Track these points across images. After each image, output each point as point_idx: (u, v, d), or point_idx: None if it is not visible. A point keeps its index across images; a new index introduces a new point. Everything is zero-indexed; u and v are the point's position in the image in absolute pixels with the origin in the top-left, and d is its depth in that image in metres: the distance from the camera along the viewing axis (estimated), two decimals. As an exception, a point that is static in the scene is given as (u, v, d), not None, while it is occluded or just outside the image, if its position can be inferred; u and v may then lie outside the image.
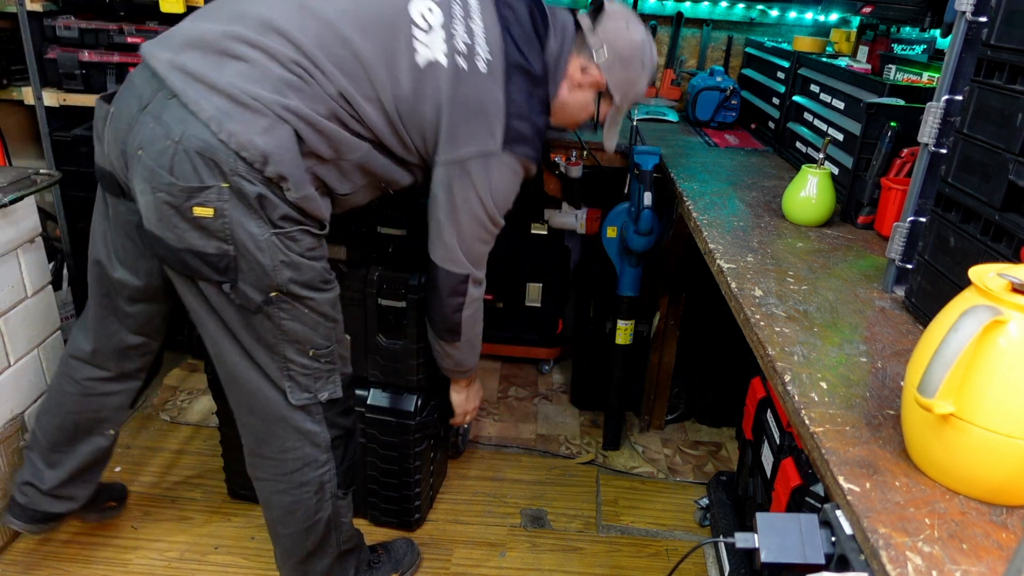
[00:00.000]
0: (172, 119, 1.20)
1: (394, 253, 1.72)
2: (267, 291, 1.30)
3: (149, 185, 1.23)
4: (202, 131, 1.19)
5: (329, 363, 1.44)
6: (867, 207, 1.58)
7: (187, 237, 1.25)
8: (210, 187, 1.21)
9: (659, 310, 2.38)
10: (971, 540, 0.73)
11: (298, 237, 1.30)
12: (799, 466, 1.42)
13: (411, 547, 1.89)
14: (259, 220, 1.25)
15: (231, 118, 1.19)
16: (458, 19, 1.33)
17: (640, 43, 1.53)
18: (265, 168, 1.21)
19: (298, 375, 1.41)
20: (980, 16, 1.08)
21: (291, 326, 1.35)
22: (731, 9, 2.71)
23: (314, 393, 1.44)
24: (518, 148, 1.39)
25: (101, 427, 1.70)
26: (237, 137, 1.19)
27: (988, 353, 0.73)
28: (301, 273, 1.32)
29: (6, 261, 1.82)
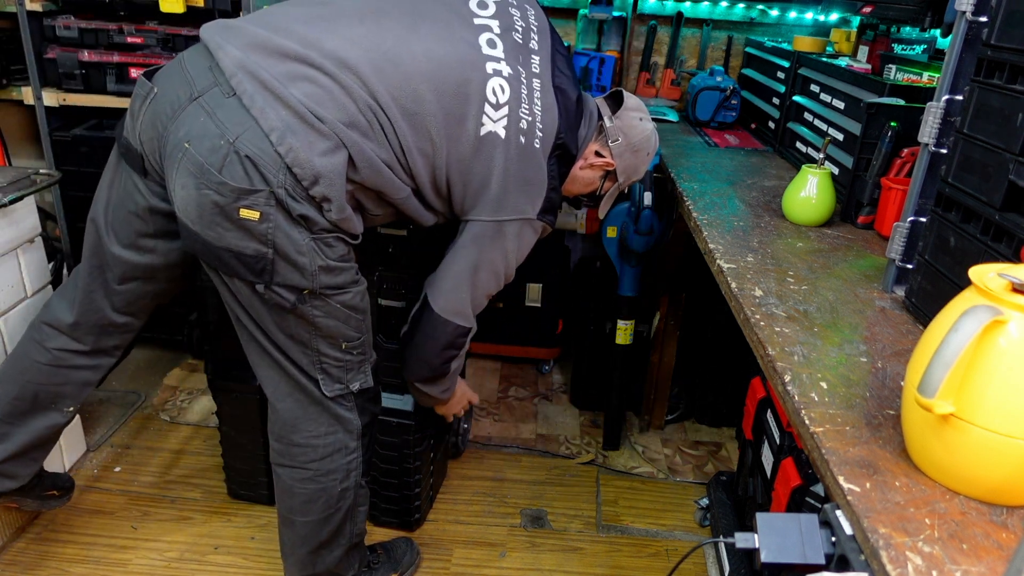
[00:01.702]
0: (229, 119, 1.19)
1: (394, 253, 1.72)
2: (300, 291, 1.32)
3: (195, 180, 1.21)
4: (261, 139, 1.19)
5: (361, 354, 1.46)
6: (867, 207, 1.58)
7: (227, 236, 1.25)
8: (260, 191, 1.21)
9: (659, 310, 2.38)
10: (971, 540, 0.73)
11: (333, 244, 1.32)
12: (799, 466, 1.42)
13: (410, 547, 1.89)
14: (300, 228, 1.26)
15: (294, 133, 1.19)
16: (524, 100, 1.40)
17: (649, 134, 1.66)
18: (313, 188, 1.22)
19: (331, 367, 1.43)
20: (980, 16, 1.08)
21: (324, 322, 1.37)
22: (731, 9, 2.71)
23: (346, 384, 1.46)
24: (547, 216, 1.50)
25: (61, 403, 1.63)
26: (295, 153, 1.19)
27: (988, 353, 0.73)
28: (335, 276, 1.34)
29: (6, 261, 1.82)
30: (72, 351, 1.59)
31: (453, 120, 1.34)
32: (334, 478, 1.50)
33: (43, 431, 1.63)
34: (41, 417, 1.62)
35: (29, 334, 1.60)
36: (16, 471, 1.66)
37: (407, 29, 1.31)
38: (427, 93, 1.31)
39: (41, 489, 1.80)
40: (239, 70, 1.20)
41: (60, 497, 1.86)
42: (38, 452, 1.68)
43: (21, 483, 1.68)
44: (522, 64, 1.42)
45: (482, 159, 1.39)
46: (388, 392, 1.86)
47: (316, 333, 1.38)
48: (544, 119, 1.43)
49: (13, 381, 1.59)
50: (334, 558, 1.59)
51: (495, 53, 1.38)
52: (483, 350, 2.83)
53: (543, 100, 1.43)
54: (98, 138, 2.35)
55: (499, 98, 1.37)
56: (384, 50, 1.28)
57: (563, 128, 1.46)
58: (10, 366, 1.61)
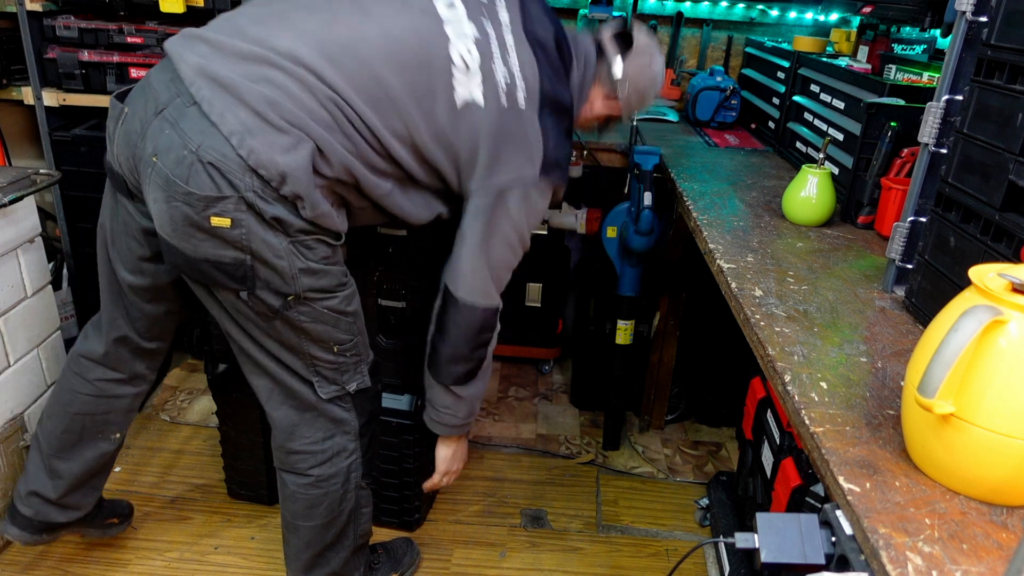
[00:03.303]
0: (191, 128, 1.18)
1: (394, 253, 1.72)
2: (285, 296, 1.30)
3: (164, 193, 1.21)
4: (222, 145, 1.17)
5: (355, 355, 1.45)
6: (867, 207, 1.58)
7: (203, 247, 1.24)
8: (228, 197, 1.20)
9: (659, 310, 2.38)
10: (971, 540, 0.73)
11: (313, 246, 1.29)
12: (799, 466, 1.42)
13: (410, 546, 1.89)
14: (276, 231, 1.25)
15: (254, 135, 1.17)
16: (497, 59, 1.34)
17: (657, 75, 1.59)
18: (282, 187, 1.20)
19: (325, 370, 1.42)
20: (980, 16, 1.08)
21: (312, 327, 1.35)
22: (731, 9, 2.71)
23: (342, 385, 1.45)
24: (553, 174, 1.41)
25: (107, 431, 1.68)
26: (257, 155, 1.17)
27: (988, 353, 0.73)
28: (319, 279, 1.32)
29: (6, 261, 1.82)
30: (111, 380, 1.63)
31: (422, 96, 1.29)
32: (335, 482, 1.49)
33: (95, 460, 1.68)
34: (91, 447, 1.67)
35: (69, 367, 1.64)
36: (78, 502, 1.72)
37: (359, 13, 1.27)
38: (389, 75, 1.26)
39: (102, 518, 1.85)
40: (197, 77, 1.19)
41: (120, 524, 1.91)
42: (96, 480, 1.73)
43: (84, 512, 1.74)
44: (488, 20, 1.34)
45: (464, 130, 1.33)
46: (388, 392, 1.86)
47: (305, 337, 1.36)
48: (525, 74, 1.35)
49: (60, 415, 1.64)
50: (339, 560, 1.58)
51: (455, 15, 1.31)
52: (483, 350, 2.82)
53: (519, 54, 1.35)
54: (98, 138, 2.35)
55: (468, 63, 1.31)
56: (338, 40, 1.24)
57: (546, 80, 1.37)
58: (55, 400, 1.65)
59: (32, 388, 1.94)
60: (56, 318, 2.03)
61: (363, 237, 1.70)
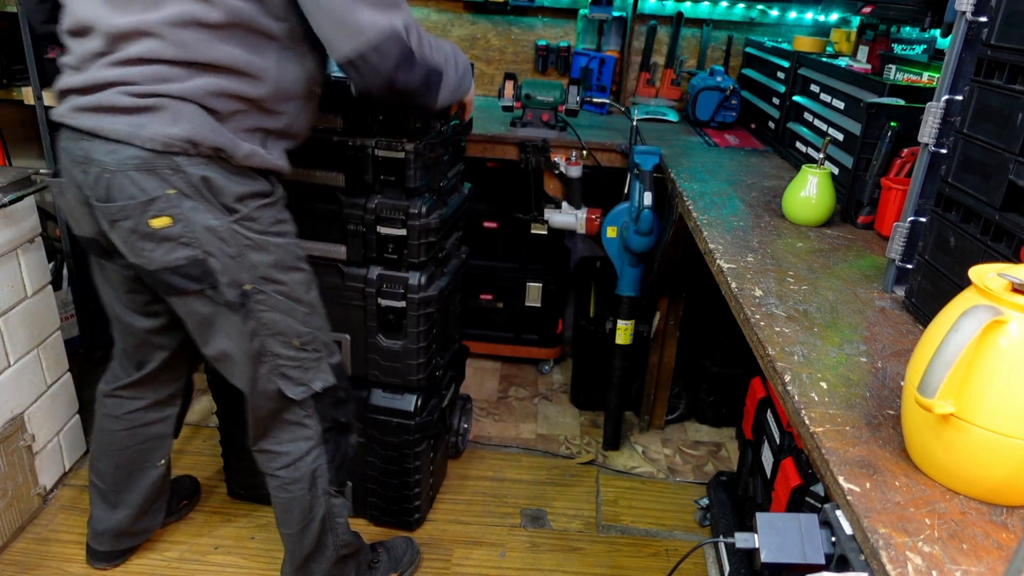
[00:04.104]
0: (100, 154, 1.23)
1: (394, 253, 1.72)
2: (241, 285, 1.32)
3: (109, 221, 1.28)
4: (128, 151, 1.22)
5: (316, 351, 1.46)
6: (867, 207, 1.58)
7: (156, 255, 1.28)
8: (157, 198, 1.24)
9: (659, 310, 2.38)
10: (971, 540, 0.73)
11: (256, 216, 1.32)
12: (799, 466, 1.42)
13: (410, 546, 1.90)
14: (215, 211, 1.27)
15: (142, 127, 1.21)
16: None
17: None
18: (198, 149, 1.23)
19: (289, 369, 1.43)
20: (980, 16, 1.08)
21: (270, 317, 1.37)
22: (731, 9, 2.71)
23: (308, 384, 1.46)
24: None
25: (152, 458, 1.76)
26: (156, 139, 1.21)
27: (988, 353, 0.73)
28: (268, 253, 1.34)
29: (6, 261, 1.82)
30: (139, 409, 1.70)
31: None
32: (301, 486, 1.52)
33: (149, 488, 1.79)
34: (143, 477, 1.77)
35: (99, 411, 1.72)
36: (148, 525, 1.86)
37: None
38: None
39: (173, 507, 1.99)
40: (72, 114, 1.25)
41: (190, 503, 2.04)
42: (158, 503, 1.86)
43: (157, 527, 1.90)
44: None
45: None
46: (388, 392, 1.86)
47: (266, 332, 1.38)
48: None
49: (107, 456, 1.74)
50: (323, 570, 1.60)
51: None
52: (483, 350, 2.83)
53: None
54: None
55: None
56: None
57: None
58: (97, 444, 1.75)
59: (32, 388, 1.94)
60: (56, 318, 2.03)
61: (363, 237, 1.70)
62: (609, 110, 2.70)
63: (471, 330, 2.78)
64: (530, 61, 2.87)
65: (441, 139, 1.73)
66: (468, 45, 2.86)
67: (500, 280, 2.74)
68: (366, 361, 1.84)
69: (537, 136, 2.27)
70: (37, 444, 1.97)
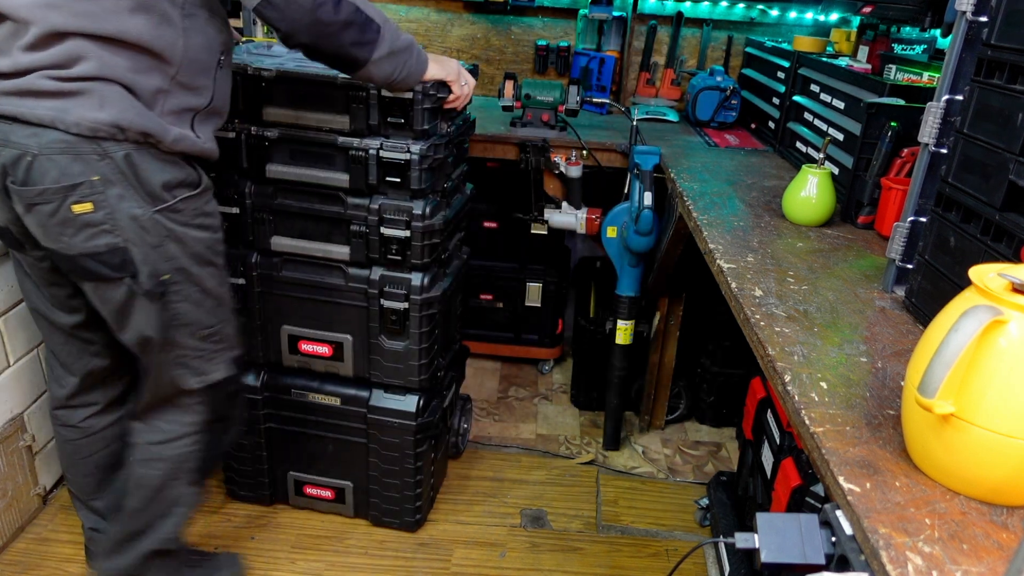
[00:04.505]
0: (20, 136, 1.21)
1: (397, 254, 1.72)
2: (159, 275, 1.33)
3: (24, 205, 1.25)
4: (52, 134, 1.21)
5: (219, 343, 1.48)
6: (867, 207, 1.58)
7: (76, 241, 1.27)
8: (81, 183, 1.23)
9: (659, 310, 2.38)
10: (971, 540, 0.73)
11: (181, 207, 1.32)
12: (799, 466, 1.42)
13: (234, 563, 1.82)
14: (139, 199, 1.27)
15: (66, 111, 1.20)
16: None
17: None
18: (125, 134, 1.23)
19: (191, 359, 1.45)
20: (980, 16, 1.08)
21: (182, 308, 1.39)
22: (731, 9, 2.71)
23: (207, 375, 1.48)
24: None
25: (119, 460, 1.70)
26: (83, 123, 1.20)
27: (988, 353, 0.73)
28: (187, 246, 1.35)
29: (6, 261, 1.82)
30: (91, 416, 1.65)
31: None
32: (164, 466, 1.53)
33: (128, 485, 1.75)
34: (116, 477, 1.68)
35: (53, 425, 1.68)
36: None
37: None
38: None
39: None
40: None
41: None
42: None
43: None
44: None
45: None
46: (390, 393, 1.86)
47: (174, 322, 1.39)
48: None
49: (75, 467, 1.70)
50: (137, 554, 1.58)
51: None
52: (483, 350, 2.83)
53: None
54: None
55: None
56: None
57: None
58: (63, 458, 1.71)
59: (32, 388, 1.94)
60: (56, 318, 2.03)
61: (365, 238, 1.70)
62: (609, 110, 2.70)
63: (471, 330, 2.78)
64: (530, 61, 2.87)
65: (446, 140, 1.72)
66: (468, 45, 2.86)
67: (500, 280, 2.74)
68: (368, 362, 1.84)
69: (537, 136, 2.27)
70: (37, 444, 1.97)
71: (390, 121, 1.61)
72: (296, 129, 1.65)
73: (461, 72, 1.66)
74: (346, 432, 1.91)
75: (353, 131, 1.63)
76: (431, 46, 2.85)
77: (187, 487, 1.56)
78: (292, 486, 2.01)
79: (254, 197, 1.70)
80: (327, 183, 1.67)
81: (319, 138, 1.64)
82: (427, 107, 1.60)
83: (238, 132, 1.66)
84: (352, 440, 1.91)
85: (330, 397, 1.87)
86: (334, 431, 1.92)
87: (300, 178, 1.67)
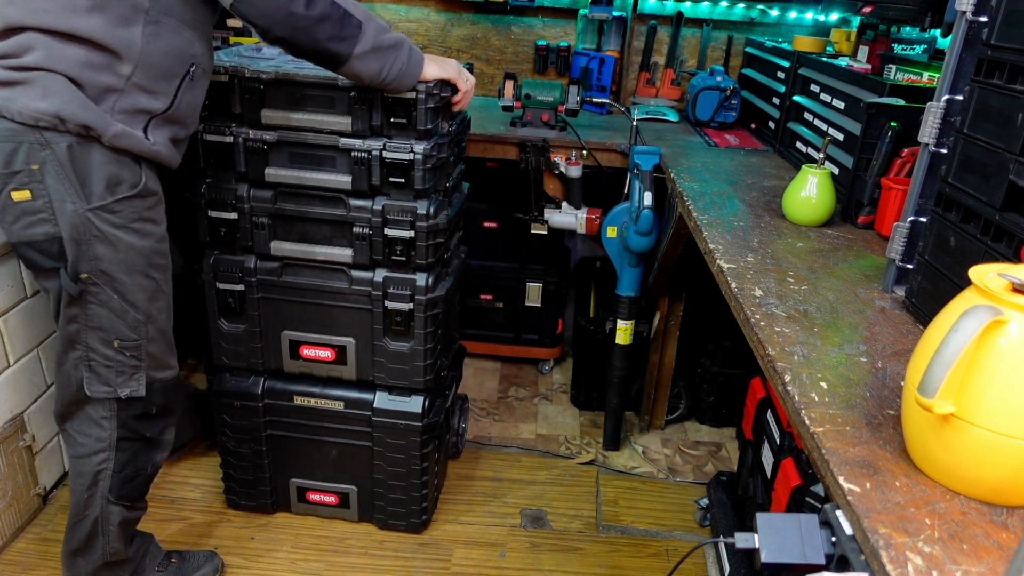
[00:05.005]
0: None
1: (401, 255, 1.71)
2: (79, 274, 1.34)
3: None
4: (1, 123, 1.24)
5: (136, 359, 1.44)
6: (867, 207, 1.58)
7: (15, 228, 1.31)
8: (20, 171, 1.25)
9: (659, 310, 2.38)
10: (971, 540, 0.73)
11: (117, 208, 1.33)
12: (799, 466, 1.42)
13: (210, 560, 1.83)
14: (74, 193, 1.29)
15: (12, 100, 1.23)
16: None
17: None
18: (66, 125, 1.25)
19: (99, 366, 1.42)
20: (980, 16, 1.08)
21: (96, 311, 1.38)
22: (731, 9, 2.71)
23: (114, 387, 1.44)
24: None
25: None
26: (26, 112, 1.23)
27: (988, 353, 0.73)
28: (117, 251, 1.35)
29: (6, 261, 1.82)
30: None
31: None
32: (82, 482, 1.51)
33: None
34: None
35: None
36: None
37: None
38: None
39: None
40: None
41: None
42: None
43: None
44: None
45: None
46: (395, 394, 1.85)
47: (87, 323, 1.39)
48: None
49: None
50: (88, 569, 1.58)
51: None
52: (483, 350, 2.83)
53: None
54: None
55: None
56: None
57: None
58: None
59: (32, 388, 1.94)
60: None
61: (369, 240, 1.70)
62: (609, 110, 2.70)
63: (471, 330, 2.78)
64: (530, 61, 2.87)
65: (448, 140, 1.72)
66: (468, 45, 2.86)
67: (500, 280, 2.74)
68: (371, 365, 1.83)
69: (537, 136, 2.27)
70: (37, 444, 1.97)
71: (393, 121, 1.61)
72: (295, 132, 1.64)
73: (462, 70, 1.66)
74: (350, 436, 1.90)
75: (355, 132, 1.63)
76: (431, 46, 2.85)
77: (112, 506, 1.53)
78: (295, 493, 2.01)
79: (253, 201, 1.69)
80: (329, 185, 1.66)
81: (320, 140, 1.64)
82: (430, 107, 1.59)
83: (235, 136, 1.65)
84: (356, 444, 1.91)
85: (333, 401, 1.87)
86: (338, 435, 1.91)
87: (301, 181, 1.66)
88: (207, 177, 1.69)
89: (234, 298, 1.77)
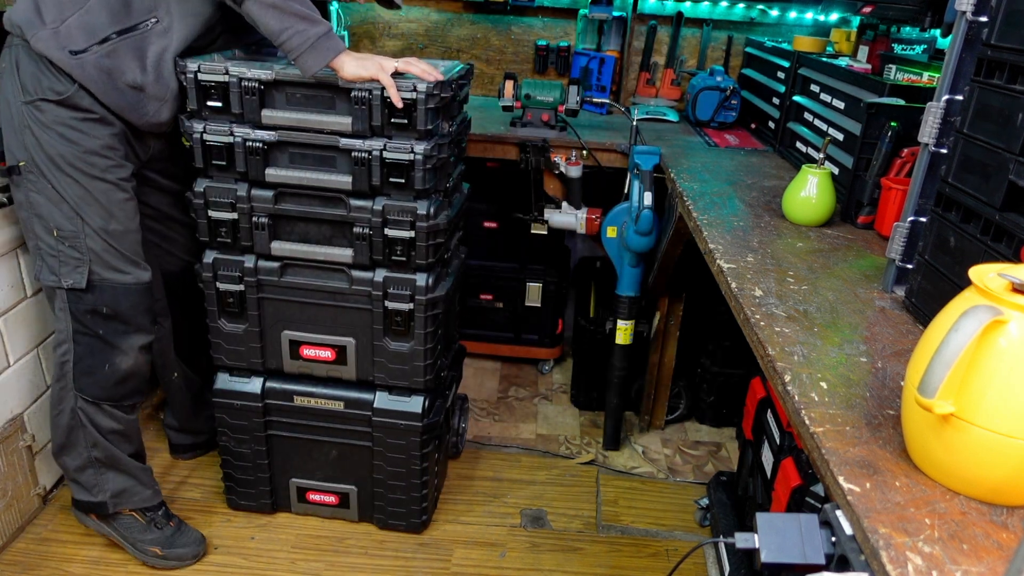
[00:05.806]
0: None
1: (402, 255, 1.71)
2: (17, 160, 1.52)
3: None
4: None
5: (77, 252, 1.58)
6: (867, 207, 1.58)
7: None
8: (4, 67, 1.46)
9: (659, 310, 2.38)
10: (971, 540, 0.73)
11: (43, 108, 1.48)
12: (799, 466, 1.42)
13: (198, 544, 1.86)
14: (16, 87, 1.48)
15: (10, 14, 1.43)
16: None
17: None
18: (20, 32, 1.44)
19: (47, 255, 1.59)
20: (980, 16, 1.08)
21: (35, 199, 1.55)
22: (731, 9, 2.71)
23: (59, 277, 1.59)
24: None
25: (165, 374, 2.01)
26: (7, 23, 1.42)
27: (988, 353, 0.73)
28: (42, 146, 1.50)
29: (6, 261, 1.82)
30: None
31: None
32: (55, 373, 1.68)
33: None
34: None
35: None
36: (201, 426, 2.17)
37: None
38: None
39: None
40: None
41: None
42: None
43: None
44: None
45: None
46: (395, 395, 1.85)
47: (31, 210, 1.56)
48: None
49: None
50: (75, 465, 1.71)
51: None
52: (483, 350, 2.83)
53: None
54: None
55: None
56: None
57: None
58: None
59: (32, 388, 1.94)
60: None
61: (369, 240, 1.70)
62: (609, 110, 2.70)
63: (471, 330, 2.78)
64: (530, 61, 2.87)
65: (448, 140, 1.72)
66: (468, 45, 2.86)
67: (500, 280, 2.74)
68: (372, 365, 1.83)
69: (537, 136, 2.27)
70: (37, 444, 1.97)
71: (393, 122, 1.61)
72: (296, 132, 1.64)
73: (383, 64, 1.55)
74: (350, 436, 1.90)
75: (355, 132, 1.63)
76: (431, 46, 2.86)
77: (84, 403, 1.67)
78: (295, 493, 2.00)
79: (253, 202, 1.69)
80: (329, 186, 1.66)
81: (320, 140, 1.64)
82: (431, 107, 1.59)
83: (236, 136, 1.64)
84: (356, 444, 1.91)
85: (333, 401, 1.87)
86: (338, 436, 1.91)
87: (301, 181, 1.66)
88: (207, 177, 1.69)
89: (234, 298, 1.77)
